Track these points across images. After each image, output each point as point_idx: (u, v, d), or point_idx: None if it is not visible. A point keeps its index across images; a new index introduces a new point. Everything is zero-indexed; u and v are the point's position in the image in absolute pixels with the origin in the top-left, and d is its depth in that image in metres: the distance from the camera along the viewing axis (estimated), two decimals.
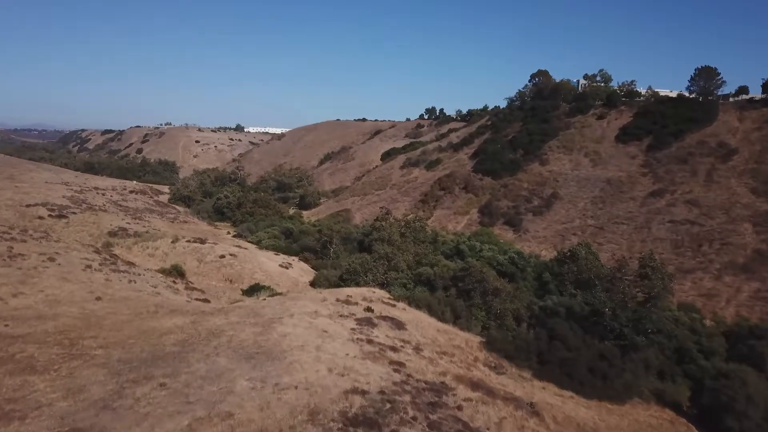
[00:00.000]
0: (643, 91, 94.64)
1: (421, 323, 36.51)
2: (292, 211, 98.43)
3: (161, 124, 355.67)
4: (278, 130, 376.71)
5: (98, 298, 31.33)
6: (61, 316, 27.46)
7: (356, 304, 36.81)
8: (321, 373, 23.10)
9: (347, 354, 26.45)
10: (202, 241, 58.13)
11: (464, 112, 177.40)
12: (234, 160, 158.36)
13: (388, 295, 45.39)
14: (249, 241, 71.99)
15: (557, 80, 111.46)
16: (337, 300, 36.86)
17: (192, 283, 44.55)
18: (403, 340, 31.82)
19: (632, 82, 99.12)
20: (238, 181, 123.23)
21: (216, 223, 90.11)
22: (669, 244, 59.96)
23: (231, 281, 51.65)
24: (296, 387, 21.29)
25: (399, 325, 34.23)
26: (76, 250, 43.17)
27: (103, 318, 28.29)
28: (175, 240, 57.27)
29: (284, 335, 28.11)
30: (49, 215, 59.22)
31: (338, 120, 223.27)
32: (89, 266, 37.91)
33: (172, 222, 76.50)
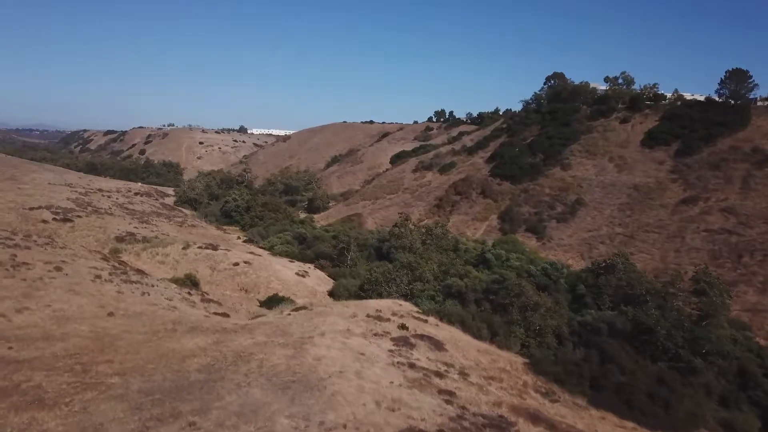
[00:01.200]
0: (668, 94, 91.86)
1: (459, 342, 33.74)
2: (304, 216, 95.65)
3: (164, 125, 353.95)
4: (282, 132, 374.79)
5: (110, 314, 28.57)
6: (70, 335, 24.70)
7: (388, 320, 34.05)
8: (368, 407, 20.35)
9: (391, 382, 23.73)
10: (215, 248, 55.41)
11: (474, 115, 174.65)
12: (241, 162, 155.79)
13: (416, 309, 42.61)
14: (261, 247, 69.40)
15: (573, 83, 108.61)
16: (368, 316, 34.10)
17: (207, 294, 41.79)
18: (445, 363, 29.04)
19: (654, 85, 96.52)
20: (245, 183, 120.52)
21: (224, 227, 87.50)
22: (706, 254, 57.13)
23: (246, 291, 48.92)
24: (345, 426, 18.58)
25: (437, 345, 31.46)
26: (84, 258, 40.47)
27: (117, 337, 25.54)
28: (186, 246, 54.56)
29: (319, 359, 25.37)
30: (54, 219, 56.58)
31: (345, 122, 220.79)
32: (98, 276, 35.18)
33: (180, 226, 73.84)
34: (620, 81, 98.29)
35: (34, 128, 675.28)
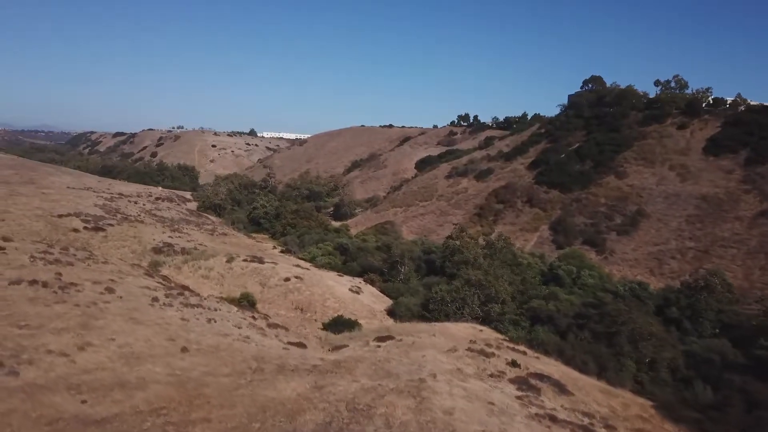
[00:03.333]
0: (728, 99, 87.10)
1: (577, 382, 29.18)
2: (339, 224, 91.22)
3: (173, 128, 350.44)
4: (293, 136, 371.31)
5: (184, 350, 24.13)
6: (148, 381, 20.27)
7: (492, 354, 29.55)
8: None
9: None
10: (261, 261, 51.02)
11: (501, 119, 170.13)
12: (263, 166, 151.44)
13: (501, 336, 38.16)
14: (300, 258, 65.03)
15: (619, 86, 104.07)
16: (470, 350, 29.60)
17: (269, 317, 37.33)
18: (583, 413, 24.51)
19: (707, 89, 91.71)
20: (269, 188, 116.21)
21: (253, 235, 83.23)
22: None
23: (301, 310, 44.44)
24: None
25: (560, 387, 26.93)
26: (131, 275, 36.13)
27: (201, 383, 21.10)
28: (230, 259, 50.18)
29: (449, 412, 20.91)
30: (85, 227, 52.33)
31: (363, 126, 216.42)
32: (155, 299, 30.79)
33: (212, 234, 69.57)
34: (672, 85, 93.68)
35: (40, 129, 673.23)
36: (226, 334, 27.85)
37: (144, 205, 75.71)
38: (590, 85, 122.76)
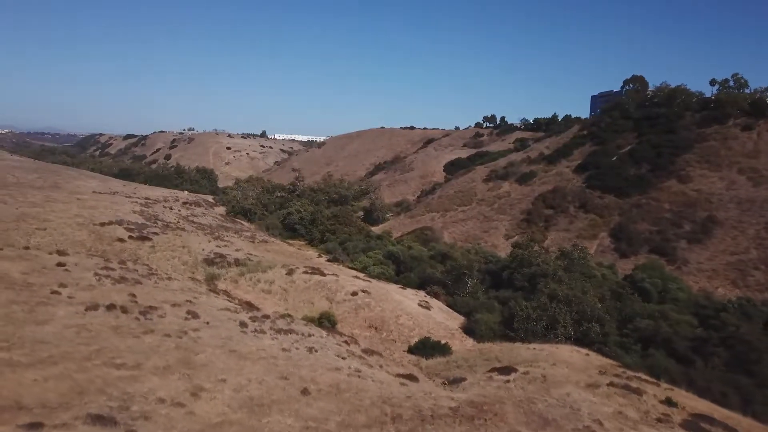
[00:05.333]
0: None
1: (741, 423, 25.24)
2: (381, 231, 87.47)
3: (184, 130, 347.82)
4: (305, 138, 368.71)
5: (304, 392, 20.37)
6: None
7: (638, 390, 25.62)
8: None
9: None
10: (322, 273, 47.30)
11: (530, 120, 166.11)
12: (294, 170, 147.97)
13: (611, 362, 34.17)
14: (350, 267, 61.33)
15: (669, 85, 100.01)
16: (612, 385, 25.69)
17: (356, 340, 33.57)
18: None
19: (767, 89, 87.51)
20: (297, 192, 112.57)
21: (290, 241, 79.64)
22: None
23: (376, 329, 40.65)
24: None
25: None
26: (203, 294, 32.51)
27: None
28: (291, 271, 46.51)
29: None
30: (130, 237, 48.72)
31: (383, 128, 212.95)
32: (243, 324, 27.10)
33: (252, 242, 65.93)
34: (731, 84, 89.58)
35: (46, 131, 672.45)
36: (336, 368, 24.06)
37: (179, 211, 72.23)
38: (631, 85, 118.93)
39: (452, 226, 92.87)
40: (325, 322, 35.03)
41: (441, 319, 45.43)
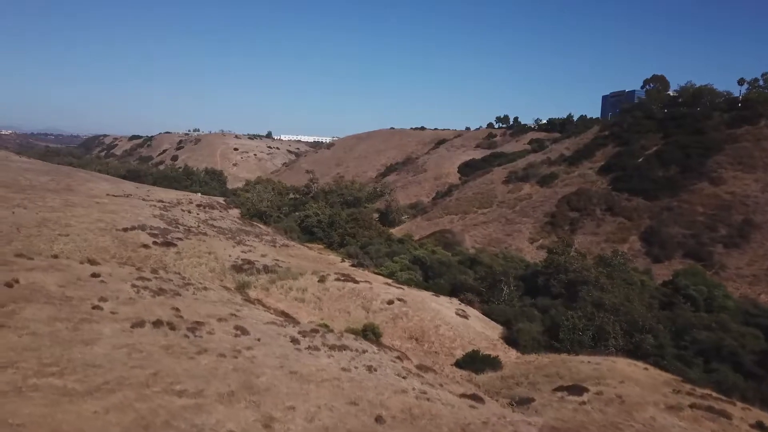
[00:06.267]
0: None
1: None
2: (403, 235, 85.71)
3: (190, 131, 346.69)
4: (311, 138, 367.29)
5: (379, 419, 18.75)
6: None
7: (725, 413, 23.86)
8: None
9: None
10: (354, 280, 45.66)
11: (543, 121, 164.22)
12: (307, 172, 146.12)
13: (672, 376, 32.48)
14: (377, 273, 59.62)
15: (694, 85, 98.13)
16: (694, 407, 23.93)
17: (407, 355, 31.84)
18: None
19: None
20: (312, 194, 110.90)
21: (308, 244, 78.01)
22: None
23: (417, 340, 38.99)
24: None
25: None
26: (245, 306, 30.85)
27: None
28: (323, 278, 44.84)
29: None
30: (154, 243, 47.12)
31: (392, 128, 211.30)
32: (294, 340, 25.45)
33: (274, 246, 64.27)
34: (761, 83, 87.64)
35: (48, 132, 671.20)
36: (402, 389, 22.36)
37: (198, 214, 70.66)
38: (651, 85, 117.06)
39: (473, 229, 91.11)
40: (370, 334, 33.37)
41: (480, 329, 43.69)
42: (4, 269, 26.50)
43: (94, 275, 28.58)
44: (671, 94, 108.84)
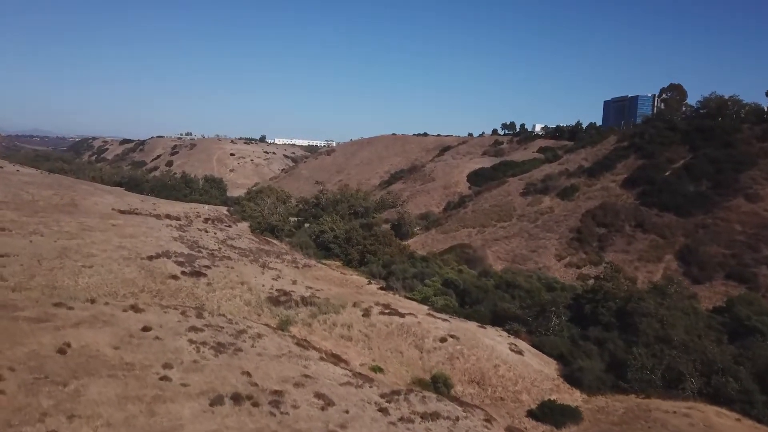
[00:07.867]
0: None
1: None
2: (413, 247, 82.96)
3: (182, 134, 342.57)
4: (305, 142, 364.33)
5: None
6: None
7: None
8: None
9: None
10: (399, 313, 42.98)
11: (551, 127, 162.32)
12: (317, 183, 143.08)
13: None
14: (410, 298, 56.86)
15: (719, 96, 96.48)
16: None
17: (493, 417, 29.16)
18: None
19: None
20: (322, 205, 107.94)
21: (325, 262, 75.13)
22: None
23: (478, 384, 36.35)
24: None
25: None
26: (310, 359, 28.04)
27: None
28: (366, 312, 42.11)
29: None
30: (183, 273, 44.13)
31: (394, 135, 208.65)
32: (384, 411, 22.81)
33: (297, 268, 61.49)
34: None
35: (34, 134, 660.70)
36: None
37: (215, 234, 67.74)
38: (667, 94, 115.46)
39: (494, 244, 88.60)
40: (441, 386, 30.69)
41: (537, 366, 41.12)
42: (49, 326, 23.63)
43: (146, 329, 25.74)
44: (685, 105, 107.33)
